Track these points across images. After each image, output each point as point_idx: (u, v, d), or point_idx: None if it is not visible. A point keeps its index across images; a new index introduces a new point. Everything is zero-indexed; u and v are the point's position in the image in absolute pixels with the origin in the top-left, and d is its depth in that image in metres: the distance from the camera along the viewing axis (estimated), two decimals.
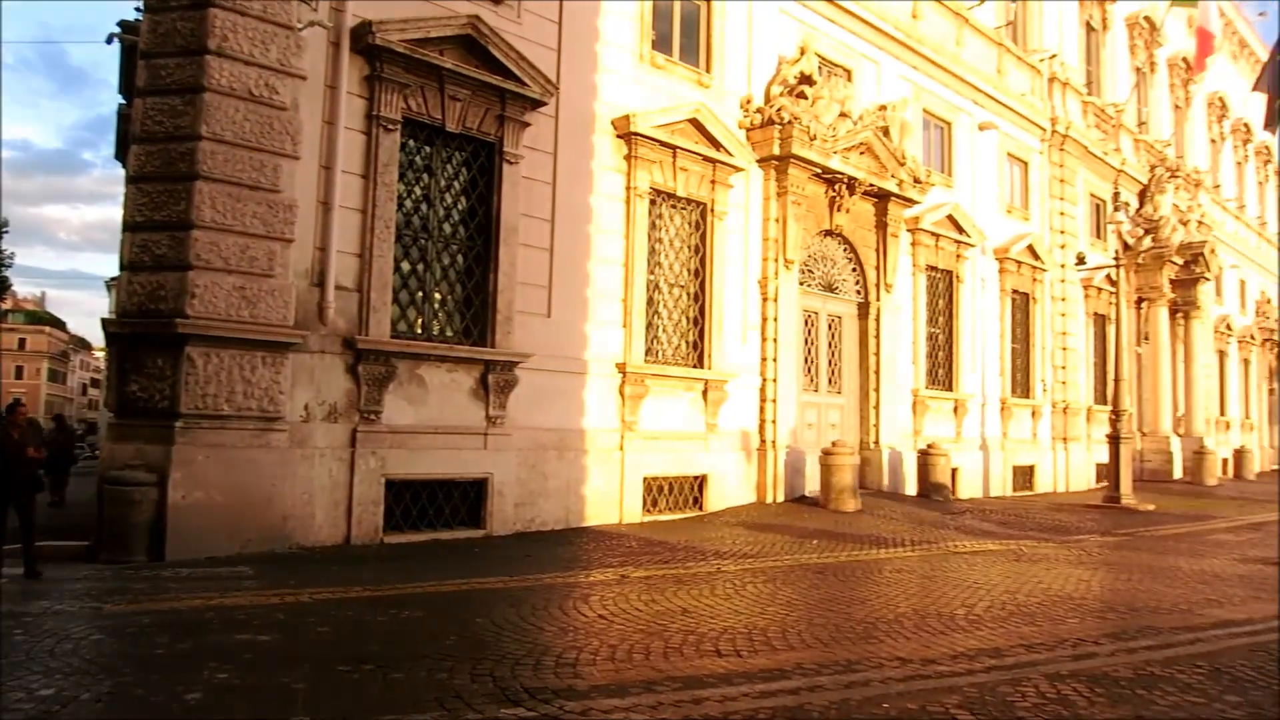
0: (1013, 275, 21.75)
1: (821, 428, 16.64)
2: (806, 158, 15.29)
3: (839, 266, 17.21)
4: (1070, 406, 23.48)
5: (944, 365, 19.74)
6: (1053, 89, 23.74)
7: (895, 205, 17.45)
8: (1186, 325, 29.63)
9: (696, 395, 14.13)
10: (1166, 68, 31.34)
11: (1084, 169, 24.88)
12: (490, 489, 11.28)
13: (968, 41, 20.83)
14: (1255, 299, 39.58)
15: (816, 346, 16.73)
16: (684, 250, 14.29)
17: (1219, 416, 33.91)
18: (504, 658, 6.02)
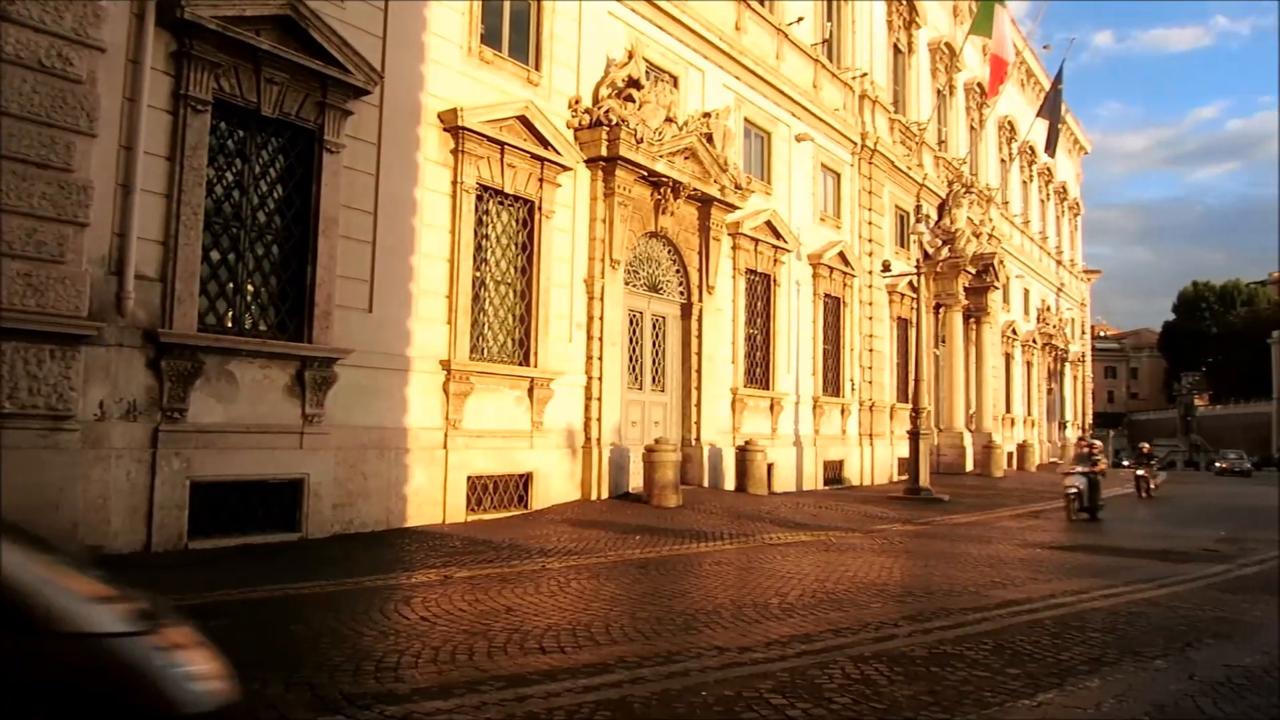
0: (825, 280, 22.92)
1: (645, 425, 16.98)
2: (633, 160, 15.56)
3: (664, 268, 17.61)
4: (876, 404, 25.00)
5: (762, 365, 20.56)
6: (863, 106, 25.17)
7: (718, 210, 18.03)
8: (978, 330, 32.12)
9: (522, 393, 14.10)
10: (964, 92, 33.87)
11: (890, 182, 26.52)
12: (306, 490, 10.85)
13: (787, 56, 21.76)
14: (1037, 307, 43.40)
15: (641, 346, 17.06)
16: (511, 247, 14.23)
17: (1005, 414, 36.97)
18: (321, 665, 5.83)
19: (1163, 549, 13.70)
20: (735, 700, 5.41)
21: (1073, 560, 12.31)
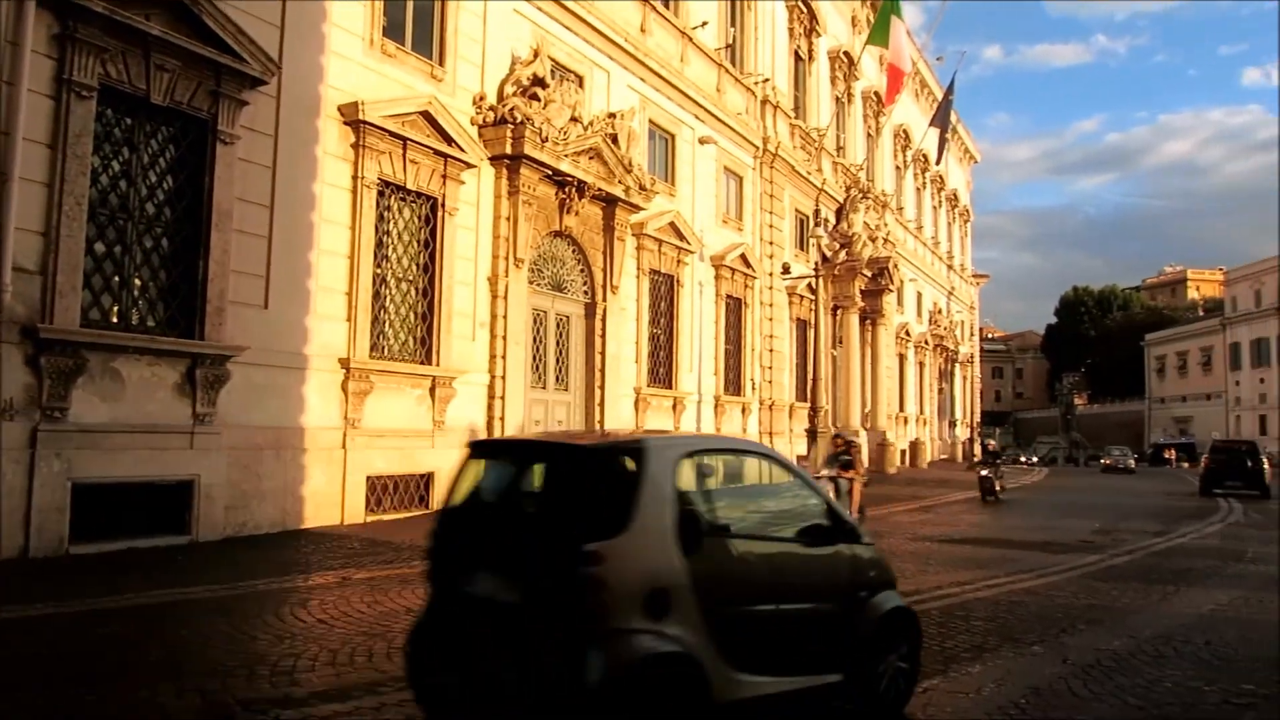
0: (728, 281, 23.30)
1: (548, 424, 16.98)
2: (538, 159, 15.54)
3: (568, 267, 17.64)
4: (776, 403, 25.52)
5: (665, 365, 20.78)
6: (765, 111, 25.66)
7: (622, 210, 18.15)
8: (874, 331, 33.10)
9: (424, 392, 13.95)
10: (862, 100, 34.86)
11: (790, 186, 27.12)
12: (197, 492, 10.51)
13: (691, 60, 22.04)
14: (930, 309, 44.96)
15: (545, 345, 17.05)
16: (413, 244, 14.05)
17: (899, 412, 38.19)
18: (214, 670, 5.70)
19: (1044, 540, 14.43)
20: None
21: (960, 553, 12.86)
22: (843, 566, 5.29)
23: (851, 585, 5.29)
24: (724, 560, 4.57)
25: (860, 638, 5.15)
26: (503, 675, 4.19)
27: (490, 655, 4.26)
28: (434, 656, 4.56)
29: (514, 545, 4.51)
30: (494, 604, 4.34)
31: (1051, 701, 5.77)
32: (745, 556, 4.76)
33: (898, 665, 5.35)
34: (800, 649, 4.93)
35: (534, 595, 4.17)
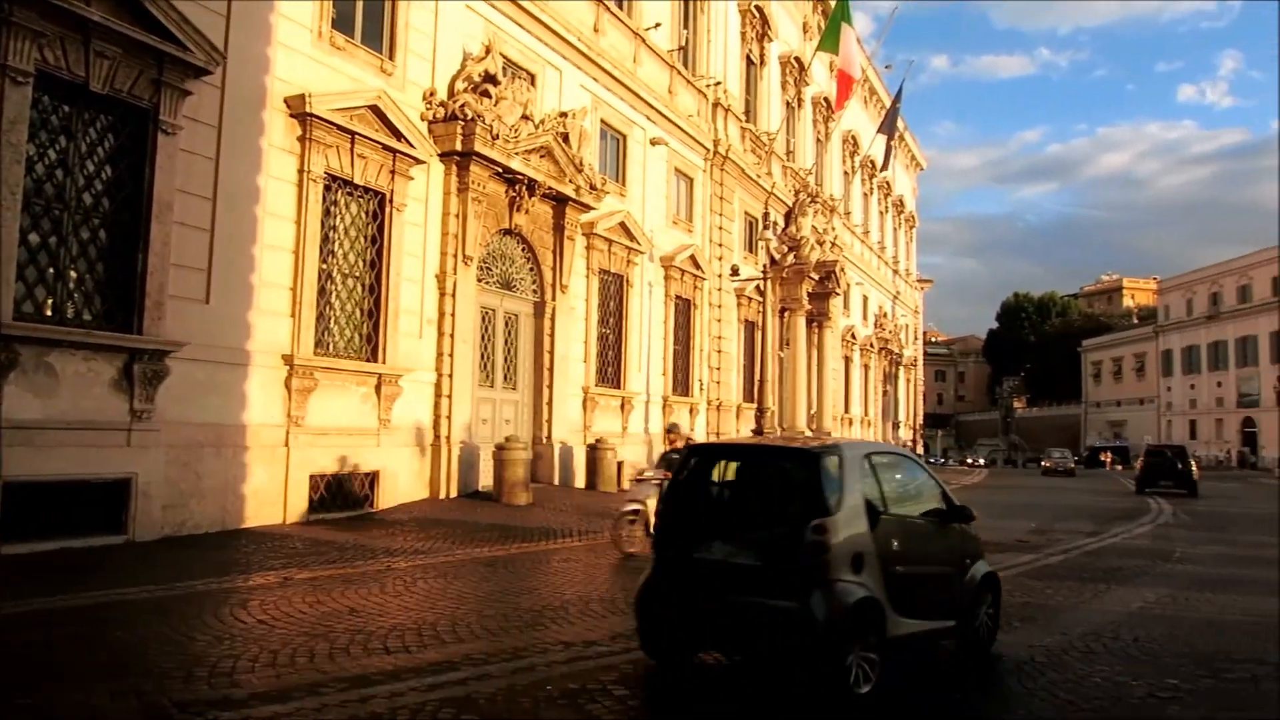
0: (677, 282, 23.41)
1: (496, 423, 16.91)
2: (488, 156, 15.47)
3: (517, 265, 17.58)
4: (723, 404, 25.70)
5: (613, 364, 20.81)
6: (716, 113, 25.83)
7: (573, 210, 18.14)
8: (820, 334, 33.48)
9: (369, 390, 13.80)
10: (812, 105, 35.25)
11: (740, 189, 27.33)
12: (134, 490, 10.27)
13: (644, 60, 22.10)
14: (875, 313, 45.63)
15: (493, 343, 16.98)
16: (360, 240, 13.89)
17: (844, 414, 38.70)
18: (150, 672, 5.60)
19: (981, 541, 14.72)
20: (579, 693, 5.54)
21: None
22: (956, 540, 7.14)
23: (961, 554, 7.12)
24: (890, 533, 6.11)
25: (966, 593, 6.95)
26: (737, 618, 5.69)
27: (724, 604, 5.73)
28: (665, 607, 6.05)
29: (747, 522, 6.17)
30: (729, 564, 5.83)
31: (988, 696, 5.92)
32: (901, 531, 6.34)
33: (988, 614, 7.20)
34: (932, 600, 6.52)
35: (772, 557, 5.69)
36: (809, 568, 5.53)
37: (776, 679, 6.04)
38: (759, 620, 5.60)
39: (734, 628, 5.77)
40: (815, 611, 5.39)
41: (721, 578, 5.82)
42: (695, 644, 6.26)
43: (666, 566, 6.22)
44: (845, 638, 5.45)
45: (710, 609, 5.84)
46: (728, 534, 6.04)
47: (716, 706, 5.70)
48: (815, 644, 5.38)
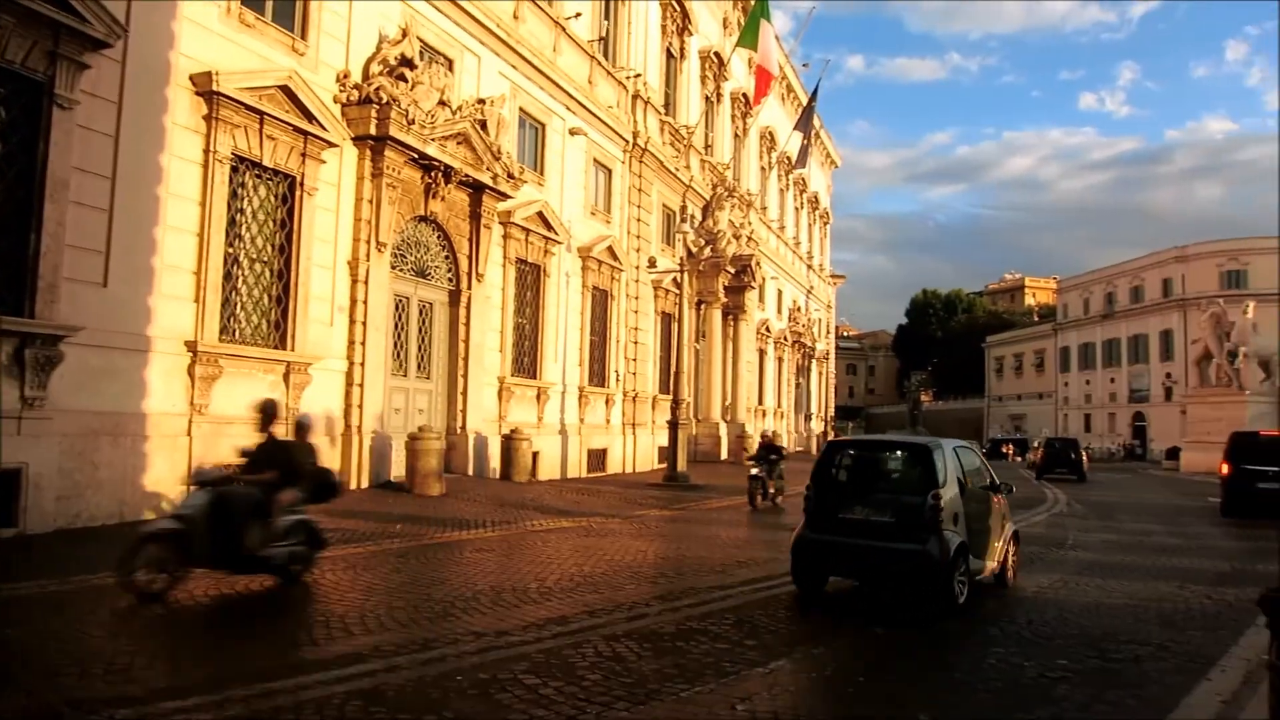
0: (594, 273, 23.41)
1: (409, 413, 16.69)
2: (404, 141, 15.22)
3: (433, 253, 17.35)
4: (639, 395, 25.84)
5: (530, 355, 20.72)
6: (636, 105, 25.88)
7: (489, 198, 17.98)
8: (736, 327, 33.91)
9: (278, 378, 13.46)
10: (730, 100, 35.57)
11: (659, 181, 27.46)
12: (25, 481, 9.81)
13: (564, 50, 22.00)
14: (789, 307, 46.38)
15: (407, 332, 16.73)
16: (269, 224, 13.52)
17: (758, 406, 39.29)
18: (42, 670, 5.39)
19: None
20: (490, 683, 5.53)
21: None
22: (998, 506, 10.04)
23: (1001, 516, 10.10)
24: (970, 500, 9.00)
25: (1004, 544, 9.94)
26: (875, 557, 8.55)
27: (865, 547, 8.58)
28: (814, 563, 8.91)
29: (881, 492, 9.16)
30: (870, 521, 8.66)
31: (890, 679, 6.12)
32: (974, 499, 9.20)
33: (1014, 560, 10.33)
34: (987, 547, 9.44)
35: (902, 515, 8.50)
36: (929, 522, 8.33)
37: (898, 596, 8.95)
38: (892, 557, 8.46)
39: (872, 563, 8.70)
40: (932, 551, 8.23)
41: (863, 530, 8.68)
42: (834, 573, 9.12)
43: (815, 524, 8.98)
44: (951, 568, 8.30)
45: (855, 550, 8.70)
46: (865, 501, 8.93)
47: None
48: (934, 571, 8.23)
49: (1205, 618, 8.67)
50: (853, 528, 8.75)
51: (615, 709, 5.15)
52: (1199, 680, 6.32)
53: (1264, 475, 20.28)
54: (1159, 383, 74.17)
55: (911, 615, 8.24)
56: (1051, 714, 5.49)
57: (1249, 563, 12.90)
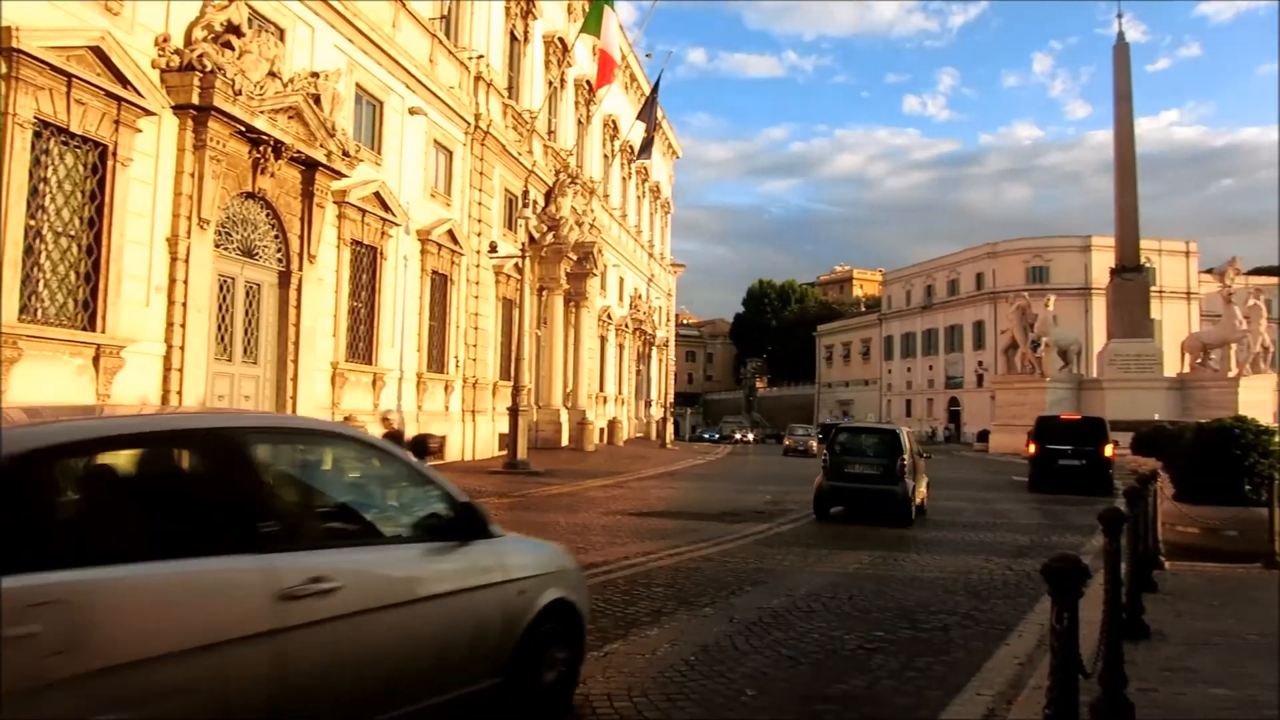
0: (434, 257, 22.94)
1: (234, 400, 15.88)
2: (230, 113, 14.43)
3: (261, 232, 16.54)
4: (479, 381, 25.54)
5: (365, 340, 20.11)
6: (478, 87, 25.48)
7: (323, 176, 17.30)
8: (577, 313, 34.04)
9: (86, 361, 12.54)
10: (574, 87, 35.55)
11: (501, 165, 27.16)
12: None
13: (404, 26, 21.39)
14: (631, 294, 46.89)
15: (232, 314, 15.90)
16: (77, 195, 12.54)
17: (599, 392, 39.59)
18: None
19: (722, 511, 15.66)
20: None
21: (648, 525, 13.66)
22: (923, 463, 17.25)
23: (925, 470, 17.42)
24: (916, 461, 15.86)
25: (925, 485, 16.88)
26: (868, 503, 14.94)
27: (862, 490, 14.99)
28: (828, 501, 15.30)
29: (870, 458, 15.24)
30: (864, 474, 15.08)
31: (717, 657, 6.35)
32: (914, 460, 15.69)
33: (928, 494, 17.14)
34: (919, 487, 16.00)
35: (883, 470, 14.92)
36: (898, 474, 14.71)
37: (880, 518, 14.62)
38: (878, 496, 14.78)
39: (865, 500, 14.99)
40: (900, 491, 14.67)
41: (860, 479, 15.04)
42: (840, 506, 15.36)
43: (830, 476, 15.31)
44: (909, 500, 14.80)
45: (855, 492, 15.11)
46: (862, 462, 15.25)
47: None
48: (903, 502, 14.69)
49: (1007, 587, 9.41)
50: (853, 477, 15.16)
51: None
52: (999, 645, 6.86)
53: (1064, 454, 22.93)
54: (972, 370, 79.61)
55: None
56: (867, 682, 5.85)
57: (1046, 536, 14.10)
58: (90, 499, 3.31)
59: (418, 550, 4.18)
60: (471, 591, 4.26)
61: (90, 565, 2.91)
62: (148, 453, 3.58)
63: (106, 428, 3.56)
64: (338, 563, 3.66)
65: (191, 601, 3.12)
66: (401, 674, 3.80)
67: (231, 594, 3.24)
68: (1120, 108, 51.20)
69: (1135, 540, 7.54)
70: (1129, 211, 50.33)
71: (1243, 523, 10.09)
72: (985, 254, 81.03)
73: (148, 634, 2.95)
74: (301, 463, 4.28)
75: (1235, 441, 10.33)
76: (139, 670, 2.87)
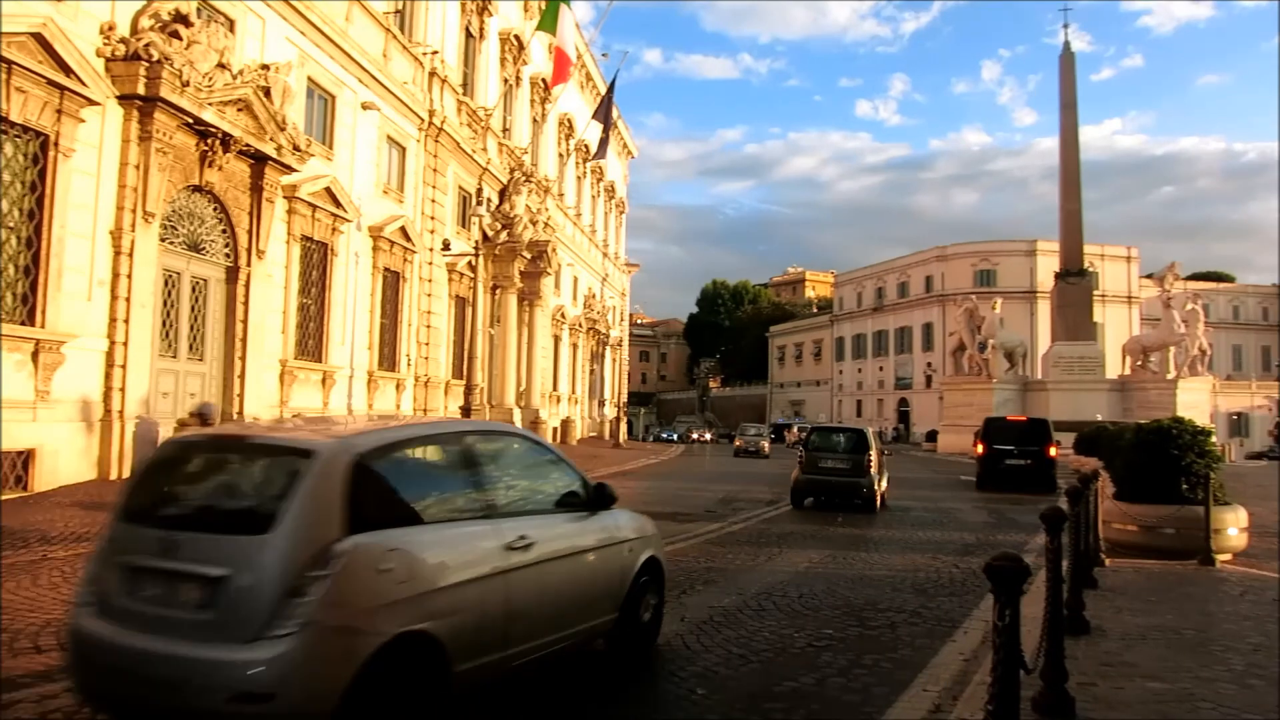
0: (386, 254, 22.69)
1: (179, 397, 15.57)
2: (177, 104, 14.14)
3: (208, 226, 16.24)
4: (431, 380, 25.32)
5: (315, 337, 19.84)
6: (433, 83, 25.25)
7: (273, 170, 17.03)
8: (531, 312, 33.87)
9: (25, 357, 12.21)
10: (530, 85, 35.40)
11: (455, 162, 26.95)
12: None
13: (358, 19, 21.13)
14: (585, 294, 46.81)
15: (178, 309, 15.59)
16: (16, 186, 12.20)
17: (552, 391, 39.46)
18: None
19: (674, 511, 15.71)
20: None
21: None
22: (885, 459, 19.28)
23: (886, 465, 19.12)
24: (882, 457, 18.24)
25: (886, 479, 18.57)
26: (839, 494, 16.91)
27: (834, 482, 16.99)
28: (803, 493, 17.24)
29: (840, 455, 17.26)
30: (836, 468, 17.06)
31: (669, 657, 6.38)
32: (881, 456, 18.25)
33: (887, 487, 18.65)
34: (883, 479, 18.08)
35: (852, 466, 16.89)
36: (865, 469, 16.65)
37: (849, 506, 16.59)
38: (848, 488, 16.76)
39: (836, 492, 16.94)
40: (866, 484, 16.64)
41: (832, 473, 17.00)
42: (813, 497, 17.15)
43: (805, 470, 17.17)
44: (874, 491, 16.81)
45: (827, 484, 17.06)
46: (834, 457, 17.15)
47: None
48: (868, 496, 16.67)
49: (953, 585, 9.58)
50: (825, 471, 17.17)
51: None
52: (945, 642, 6.98)
53: (1010, 453, 23.75)
54: (921, 371, 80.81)
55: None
56: (816, 680, 5.92)
57: (991, 534, 14.37)
58: (404, 480, 4.70)
59: (567, 517, 5.75)
60: (603, 549, 5.88)
61: (411, 525, 4.45)
62: (431, 449, 5.21)
63: (408, 432, 5.13)
64: (530, 526, 5.19)
65: (464, 549, 4.66)
66: (568, 604, 5.45)
67: (483, 545, 4.79)
68: (1065, 116, 52.38)
69: (1077, 538, 7.72)
70: (1073, 217, 51.49)
71: (1180, 521, 10.37)
72: (934, 257, 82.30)
73: (444, 569, 4.45)
74: (500, 454, 5.65)
75: (1173, 442, 10.62)
76: (442, 593, 4.37)
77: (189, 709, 3.68)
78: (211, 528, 4.08)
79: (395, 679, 4.01)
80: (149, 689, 3.77)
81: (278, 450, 4.37)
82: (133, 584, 4.03)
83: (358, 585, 3.94)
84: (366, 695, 3.84)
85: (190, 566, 3.87)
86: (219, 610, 3.76)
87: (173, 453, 4.67)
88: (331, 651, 3.79)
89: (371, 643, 3.89)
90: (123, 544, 4.16)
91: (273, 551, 3.82)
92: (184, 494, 4.51)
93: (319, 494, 4.02)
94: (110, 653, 3.88)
